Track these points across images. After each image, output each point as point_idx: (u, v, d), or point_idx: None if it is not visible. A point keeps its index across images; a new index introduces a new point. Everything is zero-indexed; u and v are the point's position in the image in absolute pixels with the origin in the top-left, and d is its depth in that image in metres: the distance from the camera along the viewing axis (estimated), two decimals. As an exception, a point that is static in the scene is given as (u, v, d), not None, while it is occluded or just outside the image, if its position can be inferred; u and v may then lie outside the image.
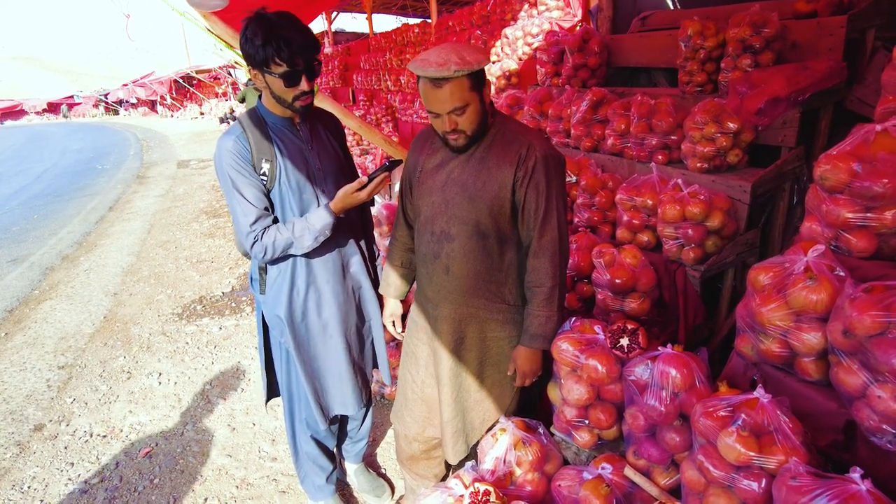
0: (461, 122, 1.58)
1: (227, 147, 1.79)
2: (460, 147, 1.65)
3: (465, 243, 1.70)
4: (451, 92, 1.51)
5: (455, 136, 1.61)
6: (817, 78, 2.39)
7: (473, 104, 1.56)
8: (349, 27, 20.08)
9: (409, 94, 7.70)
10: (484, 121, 1.64)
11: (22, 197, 9.73)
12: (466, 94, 1.53)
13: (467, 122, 1.59)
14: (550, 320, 1.73)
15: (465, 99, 1.54)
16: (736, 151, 2.51)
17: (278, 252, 1.84)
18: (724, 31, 2.71)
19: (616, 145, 2.95)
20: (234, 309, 4.53)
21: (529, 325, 1.75)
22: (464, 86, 1.52)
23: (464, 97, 1.53)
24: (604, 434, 1.78)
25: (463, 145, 1.65)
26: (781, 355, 1.54)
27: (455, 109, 1.55)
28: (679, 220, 2.34)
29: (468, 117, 1.58)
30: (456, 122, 1.58)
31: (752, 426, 1.30)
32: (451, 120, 1.57)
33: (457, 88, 1.51)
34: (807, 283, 1.43)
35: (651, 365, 1.55)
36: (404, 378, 2.05)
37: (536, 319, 1.73)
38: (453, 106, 1.54)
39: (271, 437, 2.92)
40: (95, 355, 3.90)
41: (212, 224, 7.18)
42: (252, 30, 1.67)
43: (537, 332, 1.73)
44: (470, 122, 1.59)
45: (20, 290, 5.27)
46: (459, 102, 1.53)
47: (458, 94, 1.52)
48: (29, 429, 3.12)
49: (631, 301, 2.32)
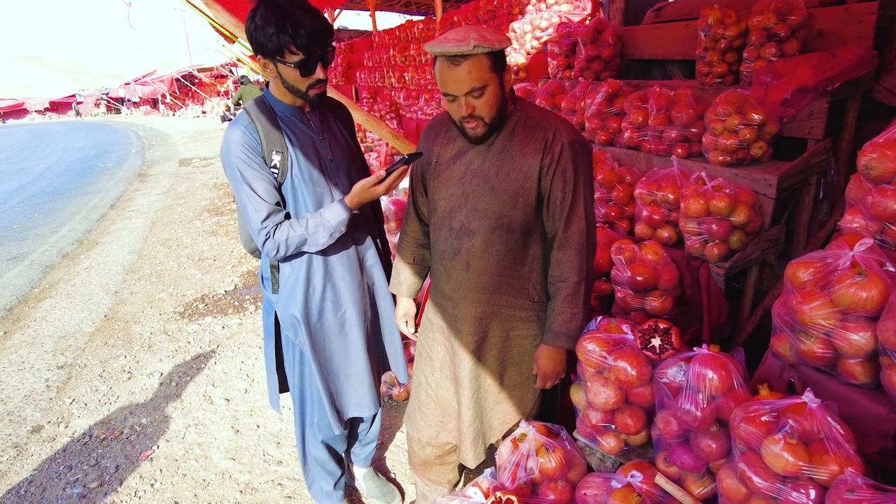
0: (479, 107, 1.48)
1: (236, 139, 1.68)
2: (478, 137, 1.54)
3: (488, 238, 1.60)
4: (469, 70, 1.41)
5: (472, 123, 1.51)
6: (846, 67, 2.29)
7: (492, 86, 1.46)
8: (352, 25, 19.97)
9: (414, 91, 7.60)
10: (503, 108, 1.53)
11: (23, 195, 9.65)
12: (486, 74, 1.43)
13: (485, 107, 1.48)
14: (575, 317, 1.63)
15: (483, 79, 1.43)
16: (760, 144, 2.41)
17: (291, 250, 1.74)
18: (745, 20, 2.60)
19: (633, 138, 2.85)
20: (236, 308, 4.44)
21: (553, 322, 1.64)
22: (483, 64, 1.42)
23: (482, 77, 1.43)
24: (631, 440, 1.68)
25: (481, 135, 1.54)
26: (824, 356, 1.44)
27: (473, 90, 1.44)
28: (703, 214, 2.24)
29: (486, 101, 1.47)
30: (473, 107, 1.47)
31: (801, 433, 1.20)
32: (468, 104, 1.47)
33: (475, 67, 1.41)
34: (855, 280, 1.33)
35: (685, 366, 1.46)
36: (418, 380, 1.94)
37: (560, 316, 1.63)
38: (471, 86, 1.43)
39: (276, 440, 2.83)
40: (96, 355, 3.81)
41: (214, 222, 7.09)
42: (263, 16, 1.54)
43: (561, 330, 1.63)
44: (488, 107, 1.48)
45: (20, 288, 5.18)
46: (478, 82, 1.43)
47: (476, 73, 1.42)
48: (27, 430, 3.03)
49: (652, 299, 2.23)
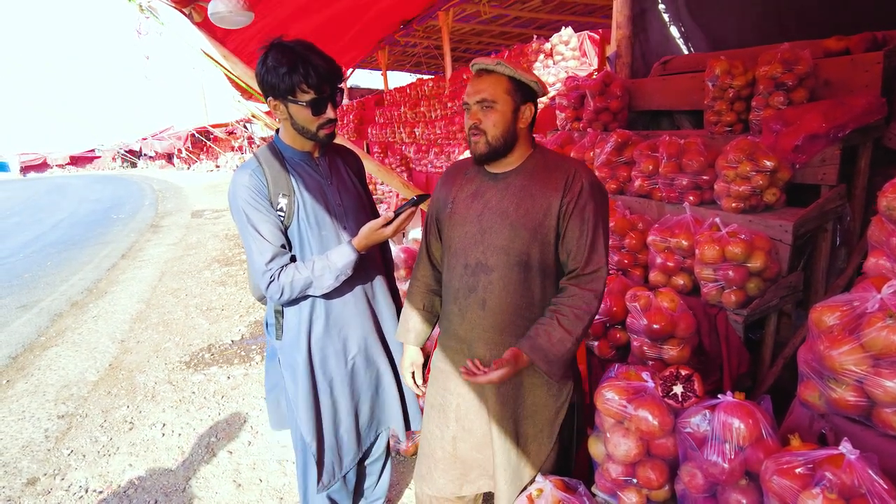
0: (484, 120, 1.53)
1: (243, 181, 1.69)
2: (479, 154, 1.57)
3: (505, 274, 1.57)
4: (487, 83, 1.51)
5: (476, 136, 1.55)
6: (856, 114, 2.30)
7: (503, 107, 1.52)
8: (364, 83, 20.65)
9: (424, 145, 7.76)
10: (509, 136, 1.56)
11: (37, 245, 9.76)
12: (500, 93, 1.51)
13: (490, 123, 1.53)
14: (564, 343, 1.52)
15: (496, 96, 1.51)
16: (773, 190, 2.39)
17: (296, 293, 1.71)
18: (752, 70, 2.65)
19: (644, 186, 2.86)
20: (243, 358, 4.37)
21: (537, 334, 1.53)
22: (500, 84, 1.51)
23: (496, 93, 1.51)
24: (653, 495, 1.59)
25: (482, 152, 1.57)
26: (857, 405, 1.37)
27: (483, 101, 1.52)
28: (718, 260, 2.20)
29: (493, 118, 1.52)
30: (479, 119, 1.53)
31: (840, 487, 1.13)
32: (476, 114, 1.54)
33: (493, 83, 1.51)
34: (886, 323, 1.28)
35: (710, 415, 1.39)
36: (431, 435, 1.83)
37: (549, 333, 1.52)
38: (482, 97, 1.52)
39: (279, 495, 2.71)
40: (97, 404, 3.73)
41: (224, 272, 7.10)
42: (275, 57, 1.60)
43: (542, 345, 1.51)
44: (493, 125, 1.53)
45: (26, 336, 5.15)
46: (489, 96, 1.51)
47: (491, 88, 1.51)
48: (21, 483, 2.93)
49: (670, 348, 2.16)
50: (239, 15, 2.92)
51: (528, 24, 9.41)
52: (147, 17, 2.94)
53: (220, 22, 2.84)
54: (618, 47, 3.98)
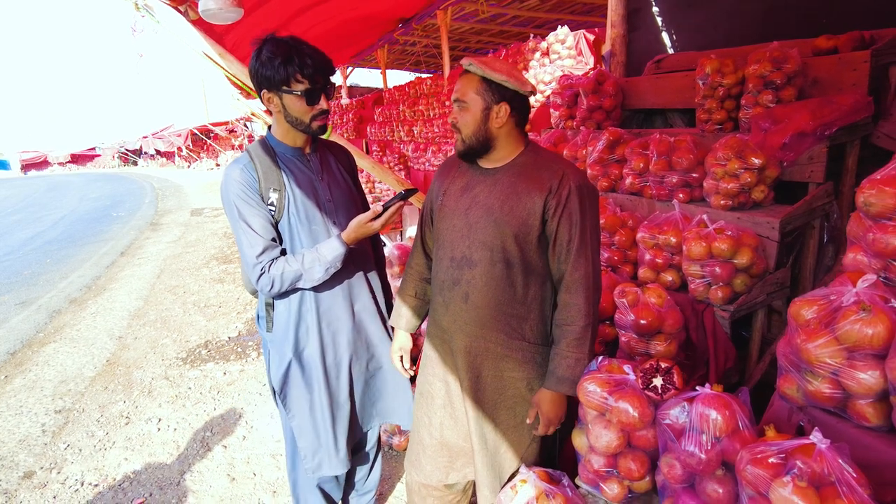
0: (459, 118, 1.60)
1: (234, 176, 1.73)
2: (458, 152, 1.66)
3: (488, 270, 1.60)
4: (462, 83, 1.58)
5: (455, 133, 1.64)
6: (843, 112, 2.32)
7: (473, 107, 1.57)
8: (363, 82, 20.65)
9: (422, 144, 7.78)
10: (480, 135, 1.60)
11: (37, 242, 9.81)
12: (470, 93, 1.56)
13: (462, 122, 1.60)
14: (580, 363, 1.60)
15: (467, 95, 1.56)
16: (761, 188, 2.41)
17: (286, 285, 1.74)
18: (742, 69, 2.67)
19: (634, 184, 2.88)
20: (239, 354, 4.41)
21: (557, 366, 1.61)
22: (471, 84, 1.56)
23: (467, 94, 1.56)
24: (634, 486, 1.61)
25: (460, 150, 1.65)
26: (833, 397, 1.40)
27: (458, 100, 1.59)
28: (705, 257, 2.22)
29: (464, 118, 1.59)
30: (457, 118, 1.61)
31: (811, 475, 1.15)
32: (453, 112, 1.63)
33: (466, 83, 1.57)
34: (860, 316, 1.31)
35: (688, 407, 1.41)
36: (419, 421, 1.88)
37: (565, 361, 1.60)
38: (456, 96, 1.59)
39: (272, 489, 2.74)
40: (94, 399, 3.76)
41: (222, 269, 7.13)
42: (269, 50, 1.65)
43: (565, 375, 1.60)
44: (464, 125, 1.60)
45: (25, 332, 5.18)
46: (461, 96, 1.58)
47: (463, 88, 1.57)
48: (18, 476, 2.96)
49: (657, 343, 2.18)
50: (229, 11, 2.94)
51: (527, 22, 9.41)
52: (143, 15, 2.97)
53: (210, 18, 2.86)
54: (612, 46, 4.00)
